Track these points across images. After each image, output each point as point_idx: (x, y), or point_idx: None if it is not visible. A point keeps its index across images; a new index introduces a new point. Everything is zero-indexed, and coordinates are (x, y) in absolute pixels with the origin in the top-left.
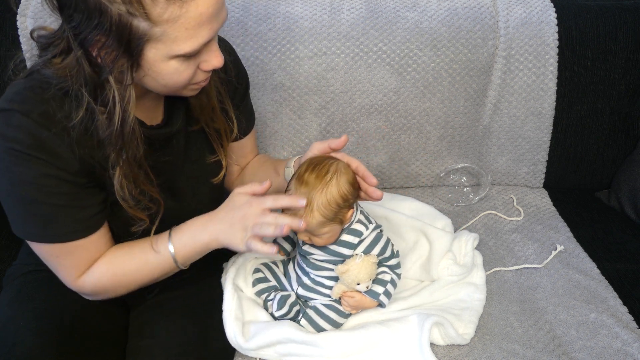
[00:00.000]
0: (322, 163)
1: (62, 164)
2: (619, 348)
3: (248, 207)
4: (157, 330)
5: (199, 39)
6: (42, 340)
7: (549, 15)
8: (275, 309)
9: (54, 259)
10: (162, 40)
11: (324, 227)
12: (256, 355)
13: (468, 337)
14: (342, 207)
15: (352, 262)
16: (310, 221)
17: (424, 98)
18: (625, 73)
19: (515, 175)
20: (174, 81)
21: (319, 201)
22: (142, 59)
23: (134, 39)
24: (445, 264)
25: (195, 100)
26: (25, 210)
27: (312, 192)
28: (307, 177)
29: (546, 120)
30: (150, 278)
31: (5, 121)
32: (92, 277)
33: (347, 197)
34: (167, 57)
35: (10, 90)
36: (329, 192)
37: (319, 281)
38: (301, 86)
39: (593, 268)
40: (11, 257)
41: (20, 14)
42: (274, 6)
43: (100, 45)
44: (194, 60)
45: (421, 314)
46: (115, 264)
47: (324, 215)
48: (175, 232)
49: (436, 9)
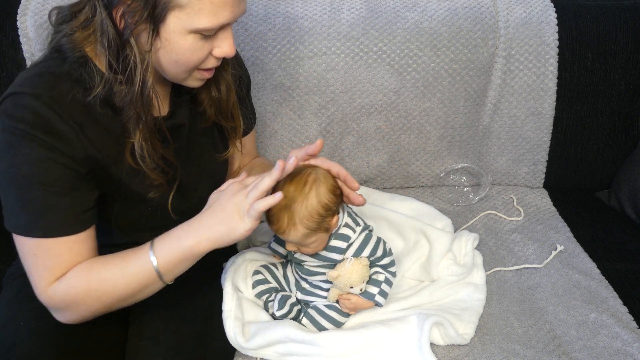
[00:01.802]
0: (301, 173)
1: (68, 149)
2: (619, 348)
3: (231, 188)
4: (156, 330)
5: (219, 17)
6: (41, 340)
7: (549, 15)
8: (276, 309)
9: (31, 257)
10: (185, 10)
11: (309, 237)
12: (256, 355)
13: (468, 337)
14: (326, 216)
15: (343, 267)
16: (294, 234)
17: (424, 98)
18: (625, 73)
19: (515, 175)
20: (186, 58)
21: (301, 214)
22: (162, 26)
23: (160, 3)
24: (446, 264)
25: (217, 93)
26: (20, 196)
27: (293, 205)
28: (286, 189)
29: (546, 120)
30: (128, 292)
31: (14, 102)
32: (64, 284)
33: (329, 206)
34: (187, 30)
35: (22, 77)
36: (309, 203)
37: (317, 284)
38: (301, 86)
39: (593, 268)
40: (11, 257)
41: (20, 13)
42: (274, 6)
43: (126, 6)
44: (209, 42)
45: (421, 314)
46: (91, 272)
47: (307, 227)
48: (157, 241)
49: (436, 9)
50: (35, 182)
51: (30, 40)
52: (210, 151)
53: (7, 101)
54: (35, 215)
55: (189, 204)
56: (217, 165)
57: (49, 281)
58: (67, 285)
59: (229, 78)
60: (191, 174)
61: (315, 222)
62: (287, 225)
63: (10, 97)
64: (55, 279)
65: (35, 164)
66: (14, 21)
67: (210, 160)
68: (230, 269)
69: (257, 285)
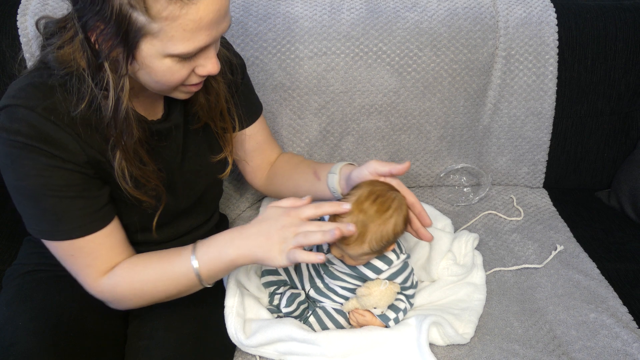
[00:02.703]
0: (385, 196)
1: (69, 156)
2: (619, 348)
3: (286, 218)
4: (155, 330)
5: (195, 42)
6: (39, 340)
7: (549, 15)
8: (284, 306)
9: (70, 259)
10: (158, 37)
11: (365, 255)
12: (256, 353)
13: (468, 336)
14: (392, 242)
15: (376, 288)
16: (355, 249)
17: (424, 98)
18: (625, 73)
19: (515, 175)
20: (166, 79)
21: (374, 235)
22: (137, 52)
23: (131, 31)
24: (445, 265)
25: (204, 100)
26: (34, 206)
27: (369, 225)
28: (367, 206)
29: (546, 120)
30: (170, 292)
31: (8, 116)
32: (110, 282)
33: (398, 235)
34: (162, 54)
35: (14, 87)
36: (385, 229)
37: (333, 288)
38: (301, 86)
39: (593, 268)
40: (11, 257)
41: (20, 13)
42: (274, 6)
43: (99, 31)
44: (190, 62)
45: (419, 315)
46: (134, 272)
47: (372, 248)
48: (200, 246)
49: (436, 9)
50: (44, 192)
51: (30, 40)
52: (205, 149)
53: (2, 114)
54: (54, 221)
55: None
56: (215, 162)
57: (94, 277)
58: (113, 283)
59: (218, 87)
60: (188, 172)
61: (380, 246)
62: (355, 239)
63: (4, 110)
64: (101, 273)
65: (40, 173)
66: (14, 21)
67: (207, 158)
68: None
69: (266, 275)
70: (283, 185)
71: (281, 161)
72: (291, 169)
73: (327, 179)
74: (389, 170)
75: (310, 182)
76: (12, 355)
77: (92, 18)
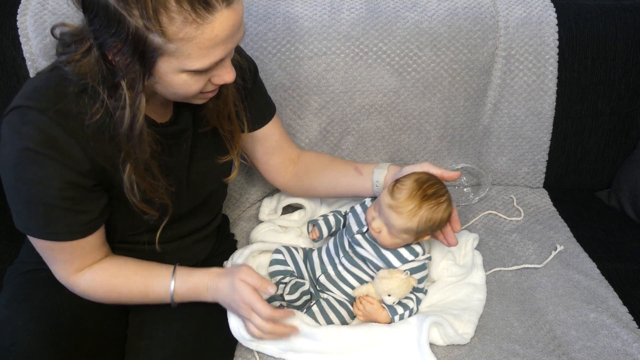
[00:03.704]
0: (441, 186)
1: (73, 163)
2: (619, 348)
3: (240, 304)
4: (156, 330)
5: (211, 58)
6: (40, 340)
7: (549, 15)
8: (287, 293)
9: (50, 252)
10: (175, 56)
11: (405, 232)
12: (257, 349)
13: (468, 336)
14: (432, 230)
15: (398, 275)
16: (402, 220)
17: (424, 98)
18: (625, 73)
19: (515, 175)
20: (183, 91)
21: (425, 214)
22: (154, 69)
23: (148, 51)
24: (445, 265)
25: (213, 105)
26: (27, 208)
27: (424, 204)
28: (426, 187)
29: (546, 120)
30: (142, 301)
31: (20, 118)
32: (86, 283)
33: (442, 224)
34: (179, 70)
35: (28, 87)
36: (436, 213)
37: (344, 277)
38: (301, 86)
39: (593, 268)
40: (11, 257)
41: (20, 13)
42: (274, 6)
43: (116, 51)
44: (205, 74)
45: (419, 315)
46: (113, 282)
47: (418, 226)
48: (179, 274)
49: (436, 9)
50: (39, 198)
51: (30, 40)
52: (213, 152)
53: (14, 114)
54: (41, 224)
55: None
56: (221, 165)
57: (69, 272)
58: (88, 286)
59: (227, 92)
60: (195, 175)
61: (424, 228)
62: (410, 209)
63: (17, 110)
64: (76, 270)
65: (42, 182)
66: (14, 21)
67: (214, 161)
68: (239, 260)
69: (274, 264)
70: (317, 181)
71: (310, 158)
72: (325, 165)
73: (373, 174)
74: (441, 173)
75: (350, 177)
76: (12, 355)
77: (109, 39)
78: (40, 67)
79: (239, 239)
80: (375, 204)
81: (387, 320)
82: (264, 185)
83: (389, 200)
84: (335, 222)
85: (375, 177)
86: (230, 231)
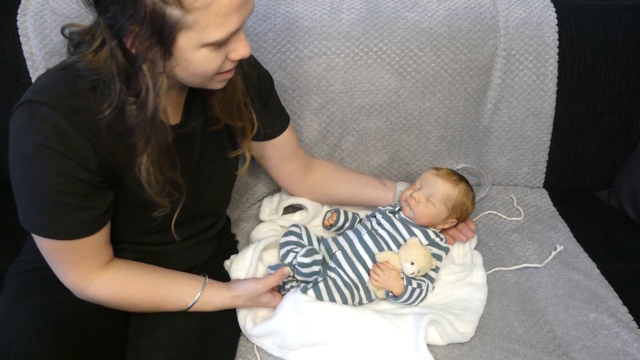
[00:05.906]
0: (462, 178)
1: (81, 159)
2: (619, 348)
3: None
4: (157, 330)
5: (228, 27)
6: (40, 339)
7: (549, 15)
8: (301, 255)
9: (57, 253)
10: (193, 28)
11: (443, 203)
12: (257, 343)
13: (468, 336)
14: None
15: (425, 248)
16: (447, 189)
17: (424, 98)
18: (625, 73)
19: (515, 175)
20: (204, 69)
21: (458, 196)
22: (174, 47)
23: (167, 27)
24: (444, 264)
25: (222, 93)
26: (33, 203)
27: (462, 181)
28: (444, 172)
29: (546, 120)
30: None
31: (31, 113)
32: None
33: (467, 212)
34: (198, 45)
35: (39, 83)
36: (467, 195)
37: (361, 256)
38: (301, 86)
39: (593, 268)
40: (11, 256)
41: (20, 13)
42: (274, 6)
43: (135, 35)
44: (223, 49)
45: (417, 314)
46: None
47: (457, 197)
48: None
49: (436, 9)
50: (45, 194)
51: (30, 40)
52: (219, 157)
53: (24, 109)
54: (48, 220)
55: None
56: (227, 171)
57: (79, 276)
58: (102, 292)
59: (234, 77)
60: (202, 178)
61: (458, 203)
62: (454, 179)
63: (27, 105)
64: (86, 272)
65: (49, 177)
66: (14, 21)
67: (220, 166)
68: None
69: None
70: (338, 188)
71: (329, 166)
72: (348, 175)
73: (397, 185)
74: None
75: (374, 187)
76: (12, 354)
77: (126, 22)
78: (40, 67)
79: (239, 239)
80: (415, 182)
81: (400, 289)
82: (264, 186)
83: (436, 172)
84: (352, 217)
85: (399, 188)
86: (231, 232)
